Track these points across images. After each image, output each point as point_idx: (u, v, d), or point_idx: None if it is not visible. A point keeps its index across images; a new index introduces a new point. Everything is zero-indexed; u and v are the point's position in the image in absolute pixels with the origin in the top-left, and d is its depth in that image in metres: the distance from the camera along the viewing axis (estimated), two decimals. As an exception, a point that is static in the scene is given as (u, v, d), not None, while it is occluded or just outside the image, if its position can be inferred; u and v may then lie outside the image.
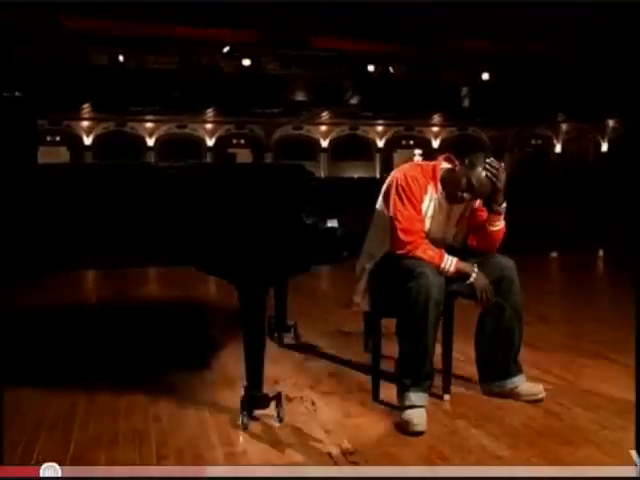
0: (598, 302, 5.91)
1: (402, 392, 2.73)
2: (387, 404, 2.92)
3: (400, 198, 2.86)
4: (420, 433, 2.58)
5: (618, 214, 12.82)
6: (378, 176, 27.05)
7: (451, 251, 2.91)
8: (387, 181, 2.97)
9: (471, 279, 2.81)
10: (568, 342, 4.10)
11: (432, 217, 2.92)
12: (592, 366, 3.54)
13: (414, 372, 2.73)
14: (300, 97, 28.41)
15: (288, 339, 4.04)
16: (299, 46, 25.28)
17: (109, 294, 6.10)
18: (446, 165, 2.95)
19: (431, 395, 2.89)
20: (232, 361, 3.48)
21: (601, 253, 10.12)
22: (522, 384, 2.96)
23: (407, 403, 2.68)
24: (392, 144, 29.78)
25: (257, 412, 2.72)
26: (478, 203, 3.03)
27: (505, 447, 2.50)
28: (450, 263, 2.82)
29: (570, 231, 11.67)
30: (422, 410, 2.66)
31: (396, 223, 2.85)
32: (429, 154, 28.86)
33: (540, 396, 2.94)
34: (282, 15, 22.43)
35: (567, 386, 3.20)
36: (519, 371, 2.98)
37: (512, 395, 2.95)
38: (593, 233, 11.50)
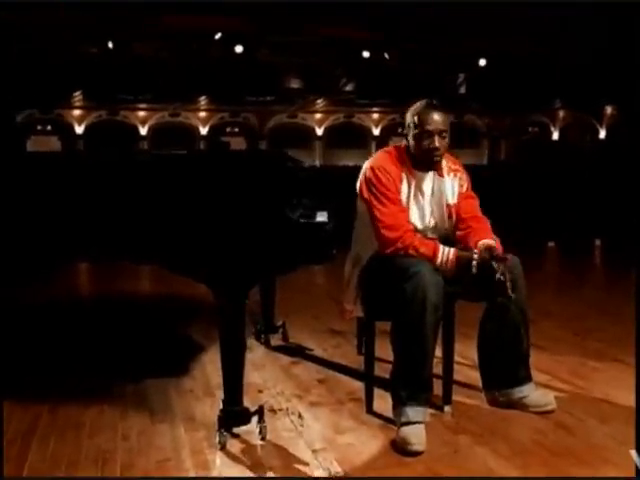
0: (600, 294, 5.61)
1: (398, 406, 2.45)
2: (382, 417, 2.64)
3: (374, 195, 2.58)
4: (418, 453, 2.30)
5: (616, 202, 12.55)
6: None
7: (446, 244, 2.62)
8: (360, 176, 2.69)
9: (473, 262, 2.49)
10: (574, 341, 3.84)
11: (416, 205, 2.64)
12: (602, 369, 3.27)
13: (411, 384, 2.44)
14: (294, 84, 28.07)
15: (276, 340, 3.76)
16: (293, 33, 24.88)
17: (85, 291, 5.81)
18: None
19: (430, 406, 2.61)
20: (216, 368, 3.16)
21: (598, 242, 9.85)
22: (531, 393, 2.68)
23: (404, 419, 2.39)
24: (388, 132, 29.45)
25: (237, 428, 2.44)
26: (466, 188, 2.75)
27: (513, 468, 2.23)
28: (447, 254, 2.52)
29: (567, 219, 11.40)
30: (420, 427, 2.38)
31: (377, 223, 2.56)
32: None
33: (550, 407, 2.66)
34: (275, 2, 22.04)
35: (577, 393, 2.93)
36: (528, 379, 2.70)
37: (519, 406, 2.67)
38: (591, 221, 11.22)
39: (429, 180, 2.69)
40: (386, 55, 26.25)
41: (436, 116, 2.59)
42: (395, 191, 2.59)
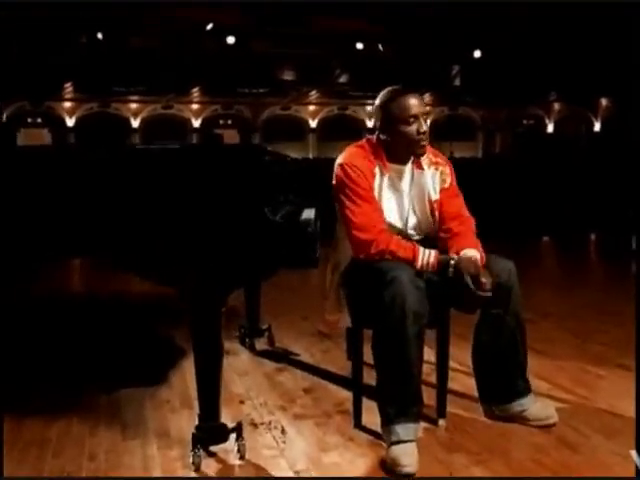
0: (598, 293, 5.41)
1: (386, 424, 2.25)
2: (371, 431, 2.44)
3: (345, 194, 2.37)
4: (410, 475, 2.12)
5: (612, 195, 12.36)
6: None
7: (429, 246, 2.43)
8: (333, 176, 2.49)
9: (450, 268, 2.29)
10: (575, 344, 3.66)
11: (393, 201, 2.45)
12: (605, 376, 3.09)
13: (398, 399, 2.24)
14: (288, 76, 27.81)
15: (261, 344, 3.56)
16: (288, 24, 24.60)
17: (69, 290, 5.58)
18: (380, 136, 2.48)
19: (423, 419, 2.43)
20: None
21: (593, 237, 9.68)
22: (531, 406, 2.49)
23: (393, 438, 2.20)
24: (382, 124, 29.19)
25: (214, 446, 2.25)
26: (449, 184, 2.53)
27: (512, 491, 2.05)
28: (428, 257, 2.31)
29: (562, 213, 11.20)
30: (412, 446, 2.19)
31: (349, 224, 2.36)
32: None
33: (551, 421, 2.47)
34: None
35: (580, 404, 2.74)
36: (527, 390, 2.51)
37: (519, 419, 2.49)
38: (586, 215, 11.03)
39: (407, 174, 2.49)
40: (380, 47, 26.01)
41: (415, 99, 2.40)
42: (367, 188, 2.38)
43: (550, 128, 29.67)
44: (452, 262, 2.30)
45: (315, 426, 2.54)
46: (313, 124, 28.78)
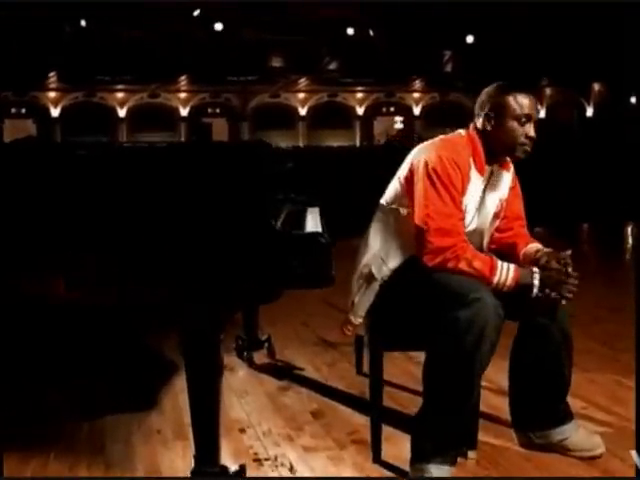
0: (607, 290, 5.07)
1: (418, 461, 1.94)
2: (392, 467, 2.13)
3: (434, 186, 2.03)
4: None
5: (603, 184, 12.09)
6: (358, 144, 26.23)
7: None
8: (408, 163, 2.16)
9: (535, 289, 2.00)
10: (603, 352, 3.37)
11: (471, 207, 2.15)
12: (642, 390, 2.79)
13: (440, 436, 1.94)
14: (277, 63, 27.45)
15: (261, 358, 3.24)
16: (275, 10, 24.18)
17: (42, 287, 5.22)
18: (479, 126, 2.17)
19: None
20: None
21: (586, 227, 9.41)
22: (573, 434, 2.18)
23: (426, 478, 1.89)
24: (372, 111, 28.92)
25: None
26: (515, 182, 2.29)
27: None
28: (507, 272, 2.00)
29: (555, 202, 10.90)
30: (445, 489, 1.89)
31: (429, 222, 2.02)
32: (410, 121, 28.10)
33: (598, 452, 2.17)
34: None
35: (622, 427, 2.43)
36: (569, 416, 2.21)
37: (559, 449, 2.18)
38: (578, 205, 10.74)
39: (493, 176, 2.20)
40: (371, 32, 25.64)
41: (532, 101, 2.14)
42: (460, 191, 2.07)
43: (542, 113, 29.42)
44: (536, 275, 2.01)
45: (328, 460, 2.22)
46: (303, 112, 28.44)
